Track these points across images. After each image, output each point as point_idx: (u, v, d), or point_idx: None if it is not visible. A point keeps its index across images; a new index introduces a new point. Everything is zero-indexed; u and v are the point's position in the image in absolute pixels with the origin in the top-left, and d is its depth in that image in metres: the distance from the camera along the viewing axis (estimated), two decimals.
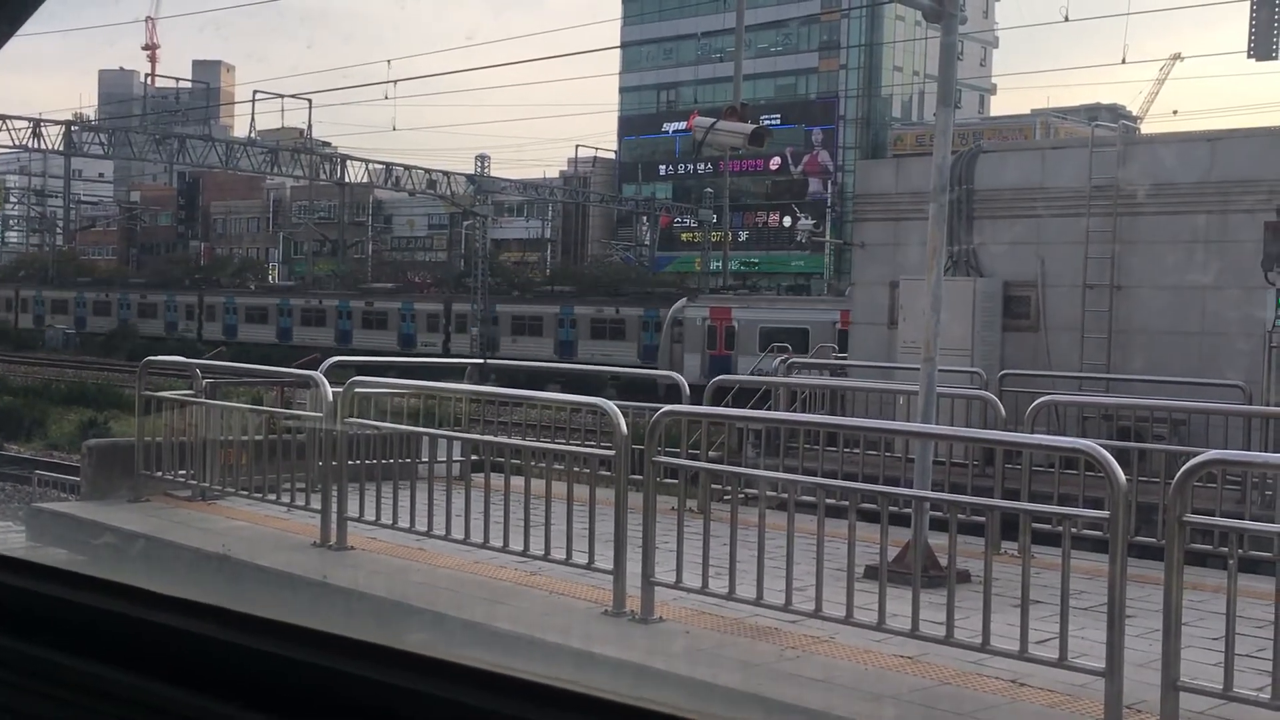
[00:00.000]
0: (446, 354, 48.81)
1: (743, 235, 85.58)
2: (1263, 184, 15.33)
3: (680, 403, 11.54)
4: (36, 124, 57.46)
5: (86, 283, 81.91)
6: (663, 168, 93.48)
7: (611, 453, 7.90)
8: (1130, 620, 6.11)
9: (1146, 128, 69.51)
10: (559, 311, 55.02)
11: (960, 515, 7.19)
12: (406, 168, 66.54)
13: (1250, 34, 37.39)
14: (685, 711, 1.34)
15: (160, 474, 11.17)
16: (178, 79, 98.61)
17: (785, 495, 7.80)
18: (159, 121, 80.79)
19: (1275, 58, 37.30)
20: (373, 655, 1.47)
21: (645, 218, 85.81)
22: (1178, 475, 5.95)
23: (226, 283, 78.97)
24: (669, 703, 1.37)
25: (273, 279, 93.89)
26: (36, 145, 58.49)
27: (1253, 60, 37.69)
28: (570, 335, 54.05)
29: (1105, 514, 6.07)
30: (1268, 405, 12.92)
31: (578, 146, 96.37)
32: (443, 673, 1.42)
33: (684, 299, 47.60)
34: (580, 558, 8.03)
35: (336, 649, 1.50)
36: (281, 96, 67.36)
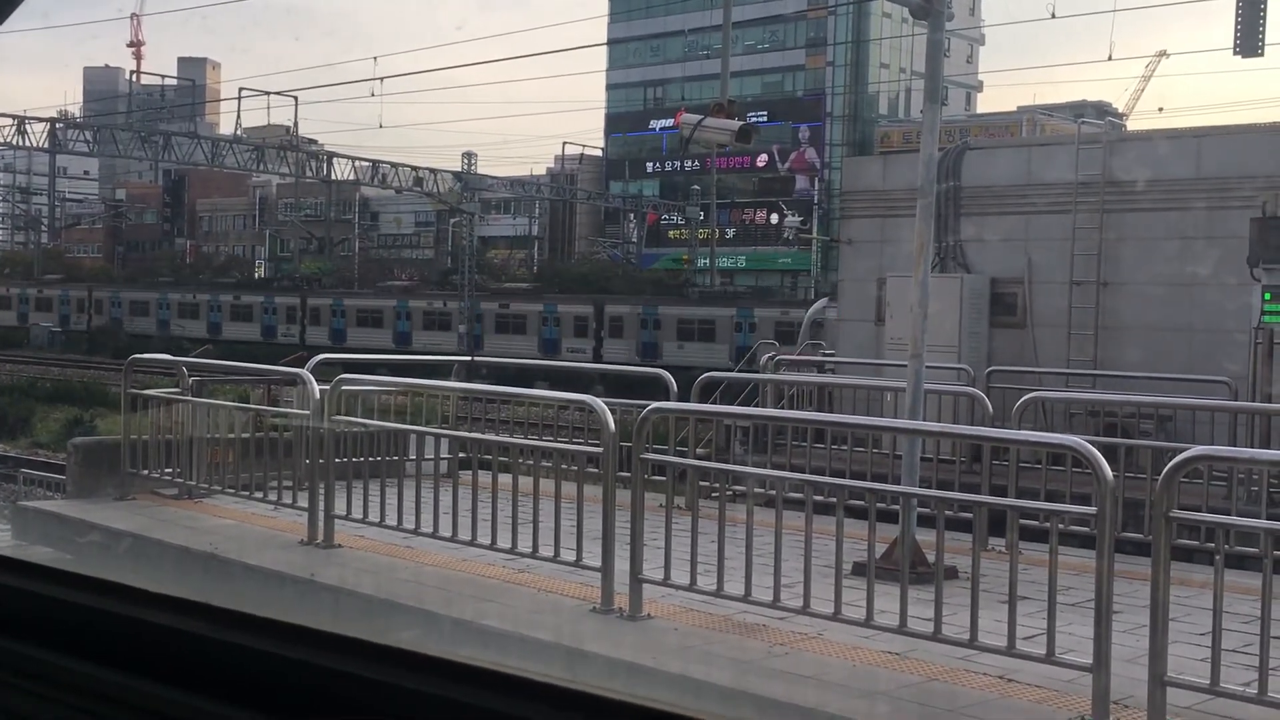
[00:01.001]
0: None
1: (730, 232, 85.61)
2: (1249, 180, 15.38)
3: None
4: (21, 121, 57.25)
5: (159, 282, 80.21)
6: (650, 165, 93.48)
7: (600, 450, 7.90)
8: (1117, 616, 6.13)
9: (1133, 124, 69.74)
10: (642, 312, 54.46)
11: (948, 512, 7.20)
12: (393, 165, 66.48)
13: (1236, 31, 37.48)
14: (673, 706, 1.34)
15: (146, 472, 11.14)
16: (163, 76, 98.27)
17: (773, 492, 7.80)
18: (144, 119, 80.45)
19: (1261, 54, 37.42)
20: (365, 652, 1.46)
21: (632, 215, 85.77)
22: (1164, 471, 5.96)
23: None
24: (658, 698, 1.37)
25: (259, 276, 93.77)
26: (21, 143, 58.25)
27: (1239, 57, 37.79)
28: (654, 337, 53.62)
29: (1092, 510, 6.08)
30: (1254, 401, 12.95)
31: (565, 144, 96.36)
32: (436, 670, 1.41)
33: (824, 299, 47.16)
34: (568, 555, 8.02)
35: (329, 646, 1.49)
36: (267, 94, 67.23)
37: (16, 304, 79.50)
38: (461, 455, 10.95)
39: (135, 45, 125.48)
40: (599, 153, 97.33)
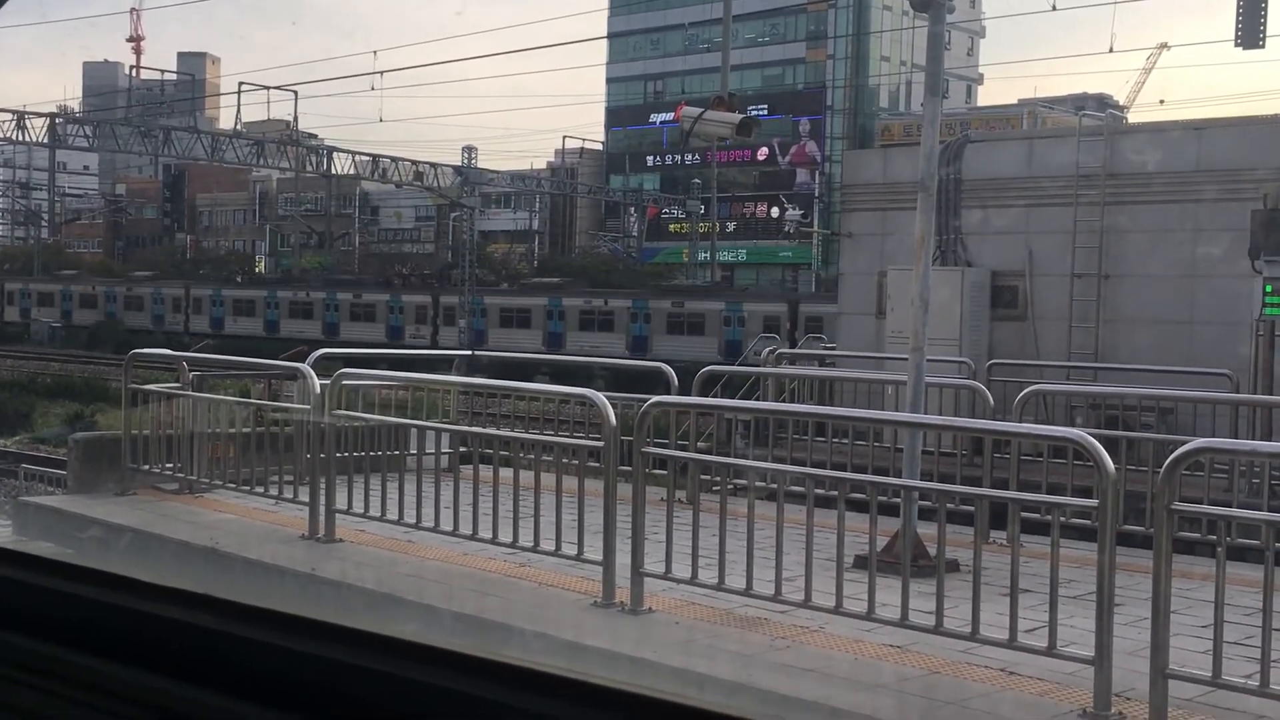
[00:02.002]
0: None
1: (730, 226, 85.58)
2: (1250, 172, 15.36)
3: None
4: (20, 116, 57.23)
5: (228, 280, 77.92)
6: (650, 159, 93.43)
7: (601, 444, 7.89)
8: (1119, 609, 6.12)
9: (1134, 117, 69.69)
10: (724, 309, 54.29)
11: (949, 505, 7.20)
12: (393, 159, 66.42)
13: (1238, 22, 37.46)
14: (674, 696, 1.33)
15: (147, 467, 11.13)
16: (162, 71, 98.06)
17: (774, 485, 7.80)
18: (144, 114, 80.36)
19: (1262, 46, 37.39)
20: (373, 645, 1.45)
21: (633, 209, 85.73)
22: (1166, 464, 5.96)
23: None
24: (671, 691, 1.36)
25: (260, 271, 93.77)
26: (20, 138, 58.22)
27: (1240, 49, 37.76)
28: (739, 334, 53.61)
29: (1094, 503, 6.08)
30: (1255, 393, 12.95)
31: (565, 137, 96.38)
32: (445, 662, 1.41)
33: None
34: (570, 549, 8.02)
35: (337, 639, 1.48)
36: (267, 88, 67.28)
37: (59, 300, 76.64)
38: (462, 450, 10.94)
39: (135, 40, 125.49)
40: (599, 147, 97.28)
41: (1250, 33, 37.24)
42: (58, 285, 78.19)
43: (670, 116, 79.36)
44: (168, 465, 11.06)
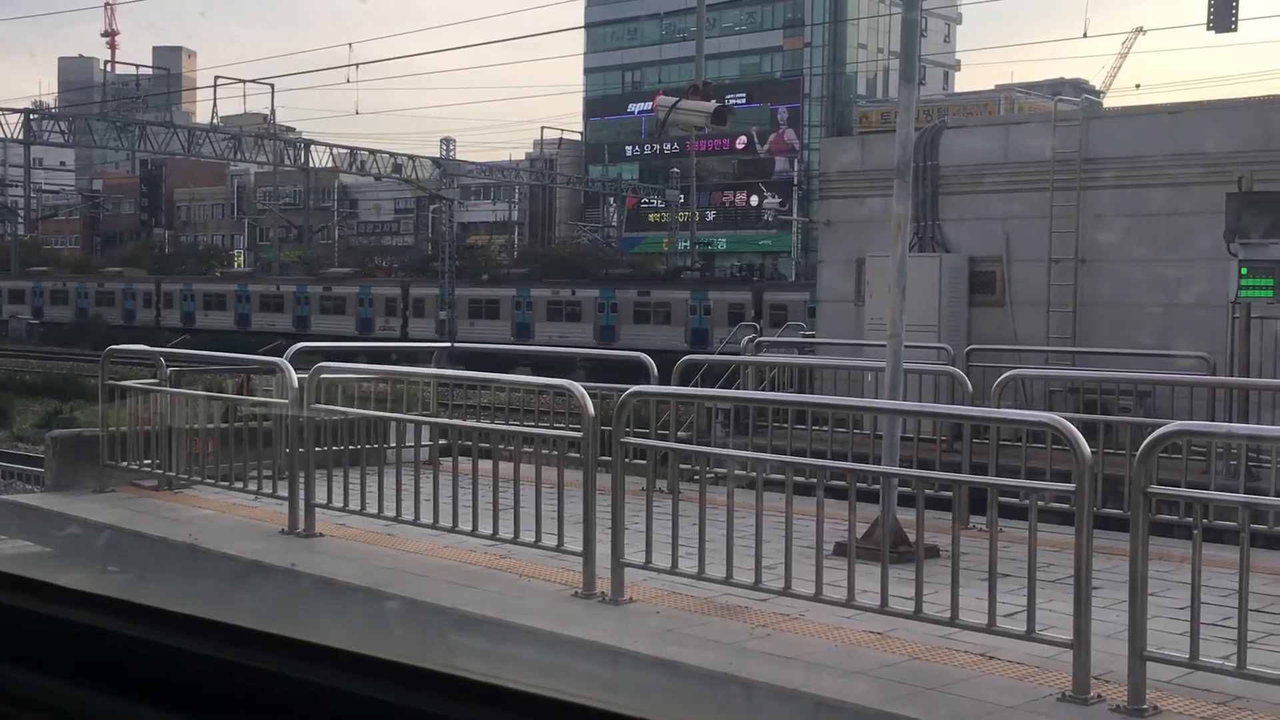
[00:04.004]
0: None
1: (710, 215, 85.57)
2: (1225, 155, 15.41)
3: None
4: None
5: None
6: (628, 149, 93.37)
7: (580, 434, 7.89)
8: (1097, 592, 6.15)
9: (1110, 102, 69.82)
10: (808, 300, 53.98)
11: (928, 490, 7.21)
12: (371, 152, 66.30)
13: (1210, 6, 37.56)
14: (655, 714, 1.30)
15: (126, 464, 11.09)
16: (138, 65, 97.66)
17: (754, 474, 7.80)
18: (120, 108, 79.99)
19: (1234, 29, 37.49)
20: (295, 651, 1.42)
21: (612, 199, 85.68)
22: (1142, 447, 5.98)
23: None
24: (647, 707, 1.34)
25: (238, 265, 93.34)
26: None
27: (1213, 32, 37.86)
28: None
29: (1071, 487, 6.09)
30: (1231, 376, 13.00)
31: (543, 128, 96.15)
32: (368, 669, 1.37)
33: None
34: (550, 540, 8.02)
35: (259, 645, 1.45)
36: (243, 82, 67.07)
37: (75, 298, 74.74)
38: (442, 442, 10.91)
39: (110, 34, 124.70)
40: (578, 137, 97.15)
41: (1222, 16, 37.35)
42: (29, 282, 77.52)
43: (648, 106, 79.29)
44: (146, 461, 11.02)
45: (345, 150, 66.67)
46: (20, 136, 60.36)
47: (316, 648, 1.41)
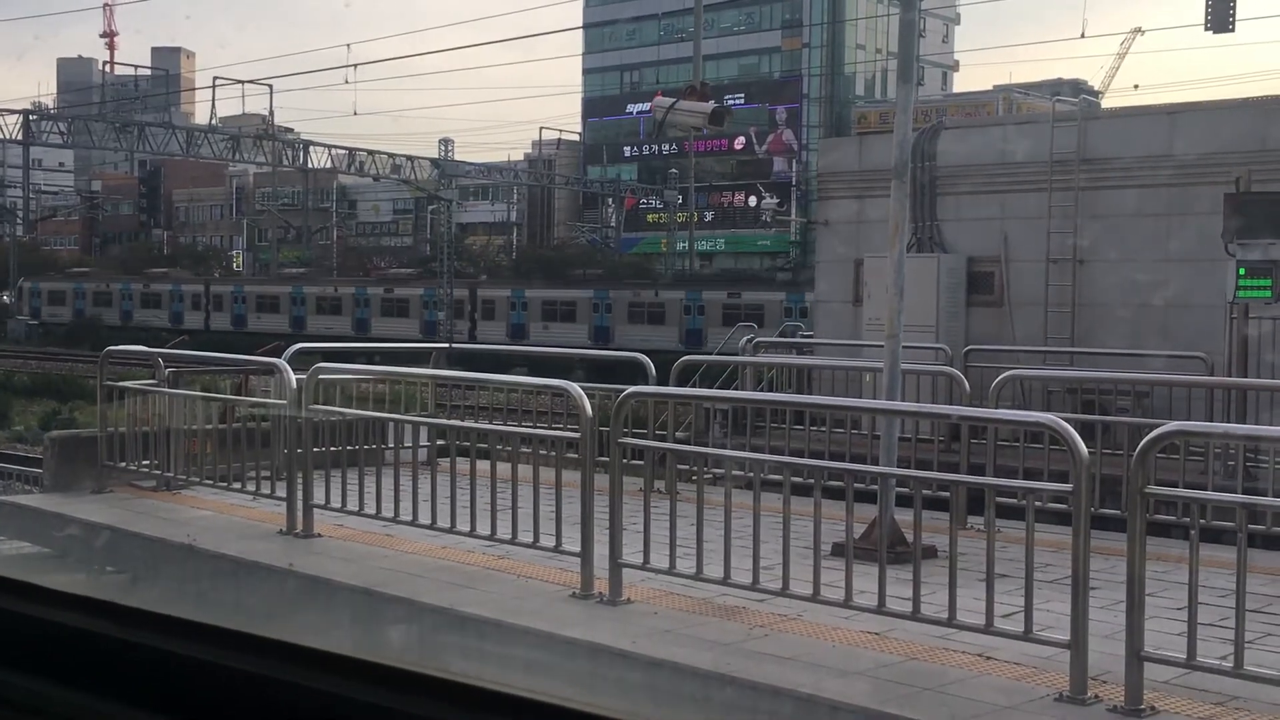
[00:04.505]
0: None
1: (709, 216, 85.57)
2: (1223, 156, 15.42)
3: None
4: None
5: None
6: (627, 149, 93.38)
7: (577, 435, 7.89)
8: (1094, 592, 6.15)
9: (1108, 102, 69.81)
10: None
11: (925, 491, 7.21)
12: (370, 152, 66.29)
13: (1207, 7, 37.58)
14: (653, 715, 1.29)
15: (124, 464, 11.09)
16: (136, 66, 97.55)
17: (751, 474, 7.80)
18: (119, 109, 79.91)
19: (1232, 30, 37.51)
20: (280, 654, 1.42)
21: (610, 199, 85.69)
22: (1140, 447, 5.98)
23: None
24: (644, 712, 1.33)
25: (237, 266, 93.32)
26: None
27: (1211, 33, 37.88)
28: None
29: (1069, 487, 6.10)
30: (1230, 376, 13.01)
31: (542, 129, 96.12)
32: (352, 671, 1.36)
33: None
34: (548, 541, 8.02)
35: (242, 648, 1.44)
36: (242, 82, 66.96)
37: (119, 299, 72.31)
38: (440, 442, 10.91)
39: (108, 35, 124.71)
40: (576, 138, 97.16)
41: (1220, 17, 37.37)
42: (70, 283, 75.79)
43: (646, 107, 79.27)
44: (144, 462, 11.02)
45: (344, 151, 66.71)
46: (19, 137, 60.33)
47: (313, 652, 1.40)
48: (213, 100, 63.03)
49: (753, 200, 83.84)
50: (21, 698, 1.55)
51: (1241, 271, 13.31)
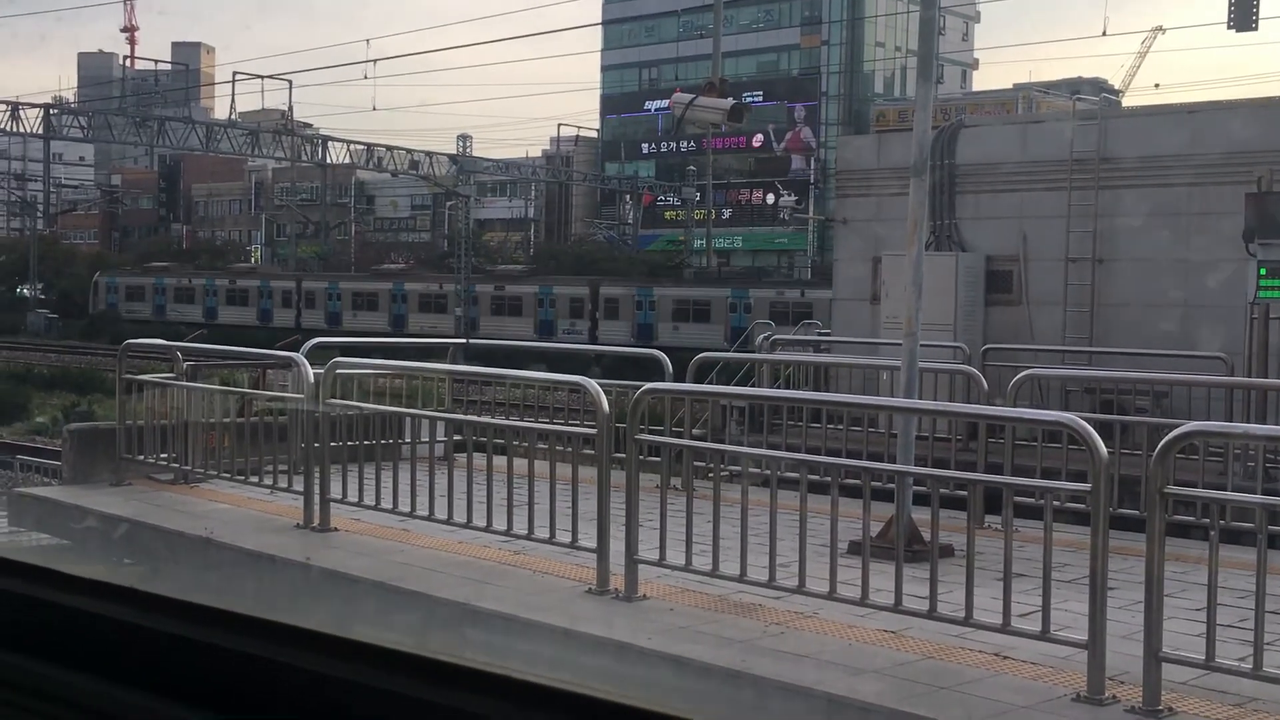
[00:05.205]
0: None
1: (726, 213, 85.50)
2: (1244, 155, 15.34)
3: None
4: (14, 107, 57.15)
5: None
6: (645, 146, 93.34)
7: (594, 431, 7.89)
8: (1112, 592, 6.12)
9: (1128, 101, 69.57)
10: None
11: (943, 490, 7.19)
12: (388, 148, 66.40)
13: (1230, 5, 37.40)
14: (673, 709, 1.29)
15: (142, 457, 11.12)
16: (156, 61, 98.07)
17: (768, 472, 7.79)
18: (139, 104, 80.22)
19: (1255, 28, 37.34)
20: (312, 644, 1.41)
21: (628, 196, 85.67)
22: (1159, 447, 5.95)
23: None
24: (657, 700, 1.32)
25: (255, 261, 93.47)
26: (15, 129, 58.13)
27: (1233, 31, 37.71)
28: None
29: (1087, 487, 6.07)
30: (1250, 376, 12.94)
31: (560, 125, 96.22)
32: (388, 664, 1.36)
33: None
34: (564, 537, 8.02)
35: (275, 637, 1.44)
36: (261, 77, 67.18)
37: (203, 296, 68.86)
38: (457, 437, 10.93)
39: (129, 30, 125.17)
40: (594, 134, 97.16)
41: (1243, 15, 37.19)
42: (148, 278, 72.58)
43: (665, 104, 79.28)
44: (162, 455, 11.05)
45: (362, 147, 66.81)
46: (40, 131, 60.60)
47: (332, 639, 1.40)
48: (232, 95, 63.81)
49: (771, 198, 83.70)
50: (48, 686, 1.55)
51: (1262, 271, 13.25)
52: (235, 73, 63.94)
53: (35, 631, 1.61)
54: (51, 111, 61.73)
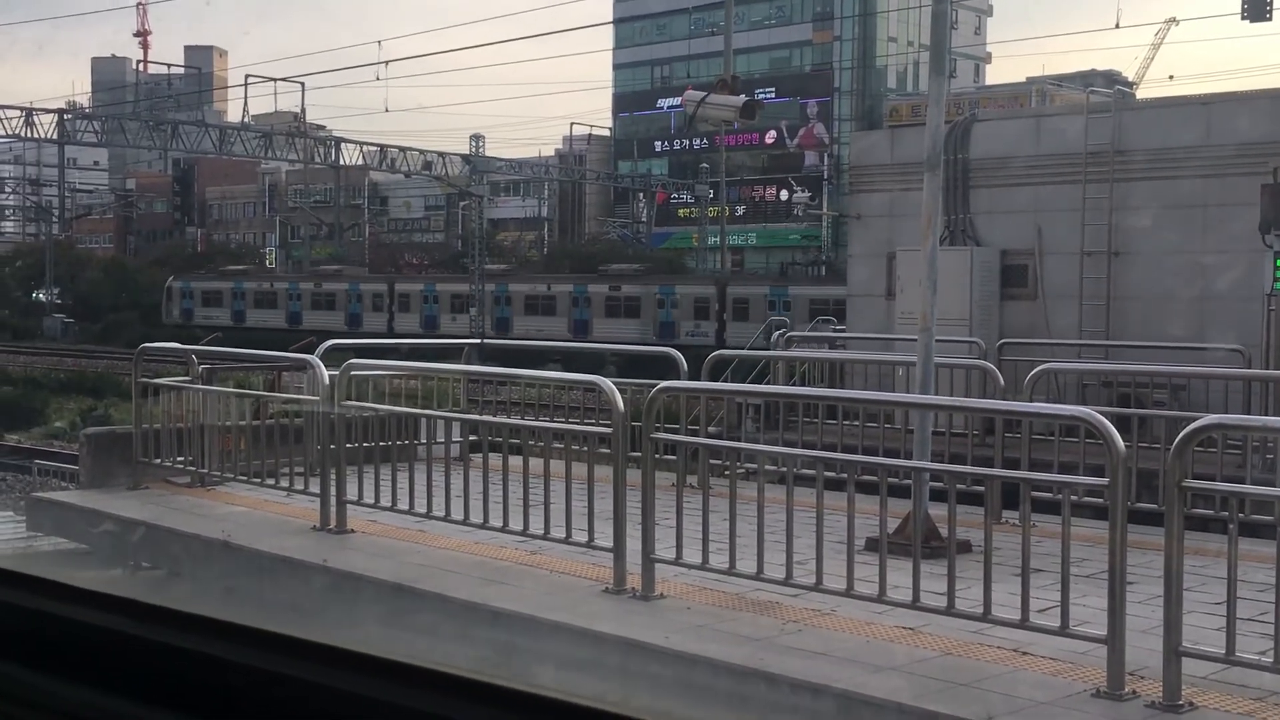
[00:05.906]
0: None
1: (740, 210, 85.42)
2: (1259, 146, 15.27)
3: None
4: (29, 113, 57.35)
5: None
6: (658, 144, 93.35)
7: (609, 430, 7.88)
8: (1131, 587, 6.10)
9: (1143, 93, 69.31)
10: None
11: (960, 485, 7.16)
12: (401, 149, 66.39)
13: None
14: (685, 710, 1.27)
15: (159, 461, 11.15)
16: (169, 65, 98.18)
17: (784, 469, 7.78)
18: (152, 108, 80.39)
19: (1269, 19, 37.18)
20: (305, 654, 1.40)
21: (641, 194, 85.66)
22: (1176, 441, 5.92)
23: None
24: (674, 704, 1.30)
25: (270, 263, 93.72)
26: (29, 134, 58.33)
27: (1248, 22, 37.56)
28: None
29: (1105, 481, 6.05)
30: (1267, 369, 12.89)
31: (572, 124, 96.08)
32: (380, 671, 1.35)
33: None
34: (580, 536, 8.01)
35: (268, 647, 1.43)
36: (274, 80, 67.21)
37: (285, 300, 65.41)
38: (472, 438, 10.94)
39: (142, 34, 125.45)
40: (607, 133, 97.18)
41: (1257, 6, 37.04)
42: (227, 282, 69.97)
43: (677, 101, 79.20)
44: (179, 459, 11.08)
45: (375, 148, 66.81)
46: (54, 136, 60.79)
47: (342, 652, 1.39)
48: (245, 98, 63.32)
49: (784, 194, 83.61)
50: (49, 701, 1.54)
51: (1279, 263, 13.19)
52: (248, 76, 64.05)
53: (38, 642, 1.61)
54: (66, 116, 61.88)
